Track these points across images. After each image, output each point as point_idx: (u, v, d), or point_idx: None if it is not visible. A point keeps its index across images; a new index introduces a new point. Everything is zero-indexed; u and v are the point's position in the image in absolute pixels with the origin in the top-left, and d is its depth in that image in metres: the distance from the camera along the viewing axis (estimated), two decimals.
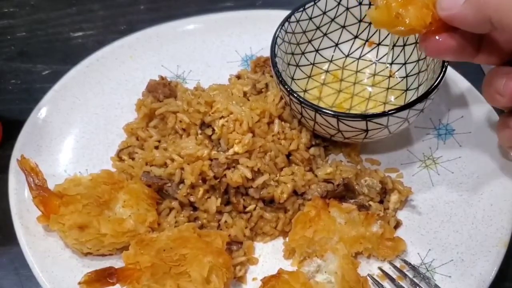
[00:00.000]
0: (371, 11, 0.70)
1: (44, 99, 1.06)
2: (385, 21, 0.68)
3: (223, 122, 0.91)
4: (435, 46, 0.68)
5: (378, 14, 0.68)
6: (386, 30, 0.71)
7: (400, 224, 0.92)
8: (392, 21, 0.67)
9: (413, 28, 0.66)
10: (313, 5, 1.00)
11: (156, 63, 1.15)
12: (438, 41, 0.68)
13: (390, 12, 0.67)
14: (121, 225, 0.85)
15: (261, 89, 1.02)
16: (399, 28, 0.67)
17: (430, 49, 0.69)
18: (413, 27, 0.66)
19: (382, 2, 0.67)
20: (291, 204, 0.92)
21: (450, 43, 0.68)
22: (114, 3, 1.38)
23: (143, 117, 1.03)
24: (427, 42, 0.69)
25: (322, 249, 0.84)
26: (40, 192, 0.87)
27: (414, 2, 0.66)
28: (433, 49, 0.69)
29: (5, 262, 0.93)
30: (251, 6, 1.32)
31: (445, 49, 0.68)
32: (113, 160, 1.00)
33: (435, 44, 0.68)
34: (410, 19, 0.66)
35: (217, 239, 0.83)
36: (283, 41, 0.97)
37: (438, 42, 0.68)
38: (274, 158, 0.92)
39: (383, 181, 0.94)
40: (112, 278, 0.77)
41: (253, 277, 0.88)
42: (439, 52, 0.70)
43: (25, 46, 1.28)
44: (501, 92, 0.69)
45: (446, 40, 0.68)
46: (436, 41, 0.68)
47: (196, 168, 0.89)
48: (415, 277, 0.85)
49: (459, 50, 0.68)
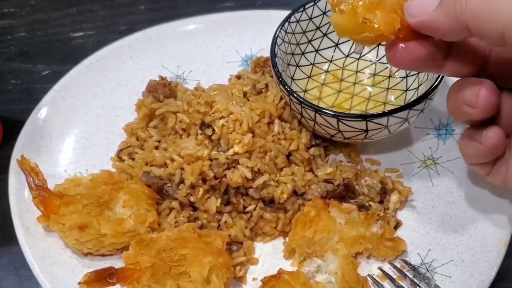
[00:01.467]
0: (335, 18, 0.63)
1: (44, 99, 1.06)
2: (351, 27, 0.61)
3: (223, 122, 0.91)
4: (403, 55, 0.61)
5: (343, 20, 0.62)
6: (350, 38, 0.64)
7: (400, 224, 0.92)
8: (358, 27, 0.60)
9: (381, 34, 0.60)
10: (313, 5, 1.00)
11: (156, 63, 1.15)
12: (407, 49, 0.61)
13: (356, 17, 0.60)
14: (121, 225, 0.85)
15: (261, 89, 1.02)
16: (366, 35, 0.60)
17: (398, 58, 0.62)
18: (381, 33, 0.60)
19: (347, 7, 0.61)
20: (291, 204, 0.92)
21: (419, 51, 0.61)
22: (114, 3, 1.38)
23: (143, 117, 1.03)
24: (395, 50, 0.62)
25: (322, 249, 0.85)
26: (40, 192, 0.87)
27: (382, 6, 0.60)
28: (402, 59, 0.62)
29: (5, 262, 0.94)
30: (251, 6, 1.32)
31: (415, 58, 0.62)
32: (113, 160, 1.00)
33: (404, 52, 0.61)
34: (378, 24, 0.59)
35: (217, 239, 0.83)
36: (283, 41, 0.97)
37: (407, 50, 0.61)
38: (274, 158, 0.92)
39: (383, 181, 0.94)
40: (112, 278, 0.77)
41: (253, 277, 0.88)
42: (408, 62, 0.62)
43: (25, 46, 1.28)
44: (472, 103, 0.63)
45: (415, 48, 0.61)
46: (405, 49, 0.61)
47: (196, 168, 0.89)
48: (415, 277, 0.85)
49: (428, 59, 0.62)
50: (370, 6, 0.60)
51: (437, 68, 0.65)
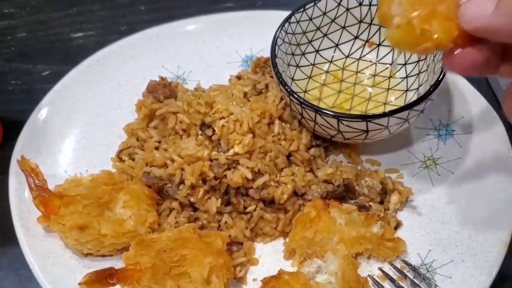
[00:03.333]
0: (392, 33, 0.62)
1: (44, 99, 1.06)
2: (409, 40, 0.61)
3: (223, 123, 0.91)
4: (461, 62, 0.61)
5: (400, 34, 0.61)
6: (407, 51, 0.64)
7: (400, 225, 0.92)
8: (417, 39, 0.60)
9: (440, 43, 0.60)
10: (313, 6, 1.00)
11: (156, 64, 1.15)
12: (464, 56, 0.61)
13: (413, 29, 0.60)
14: (121, 226, 0.85)
15: (261, 89, 1.02)
16: (425, 45, 0.60)
17: (455, 65, 0.62)
18: (440, 42, 0.59)
19: (402, 21, 0.60)
20: (291, 204, 0.92)
21: (478, 57, 0.60)
22: (115, 3, 1.38)
23: (143, 118, 1.03)
24: (452, 57, 0.61)
25: (323, 250, 0.84)
26: (41, 192, 0.87)
27: (436, 15, 0.60)
28: (459, 65, 0.62)
29: (5, 263, 0.94)
30: (251, 6, 1.32)
31: (472, 64, 0.61)
32: (113, 160, 1.00)
33: (461, 59, 0.61)
34: (437, 33, 0.59)
35: (217, 239, 0.83)
36: (283, 41, 0.97)
37: (464, 56, 0.61)
38: (275, 159, 0.92)
39: (383, 181, 0.94)
40: (113, 279, 0.77)
41: (253, 278, 0.88)
42: (466, 68, 0.62)
43: (26, 47, 1.28)
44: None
45: (472, 54, 0.60)
46: (461, 55, 0.61)
47: (196, 169, 0.89)
48: (415, 277, 0.85)
49: (485, 64, 0.62)
50: (426, 16, 0.60)
51: (494, 71, 0.64)
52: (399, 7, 0.61)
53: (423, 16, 0.60)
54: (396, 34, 0.62)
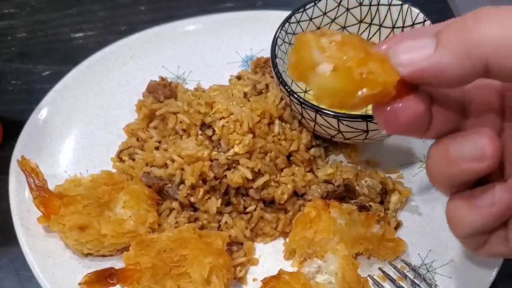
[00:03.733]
0: (321, 83, 0.47)
1: (44, 99, 1.06)
2: (347, 88, 0.46)
3: (223, 123, 0.91)
4: (403, 114, 0.47)
5: (337, 80, 0.46)
6: (339, 106, 0.48)
7: (400, 225, 0.92)
8: (357, 85, 0.46)
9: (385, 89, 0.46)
10: (314, 6, 1.00)
11: (156, 64, 1.15)
12: (408, 107, 0.47)
13: (352, 74, 0.46)
14: (121, 226, 0.85)
15: (261, 89, 1.02)
16: (368, 93, 0.46)
17: (398, 119, 0.48)
18: (386, 86, 0.46)
19: (337, 65, 0.46)
20: (291, 204, 0.92)
21: (419, 107, 0.47)
22: (115, 3, 1.38)
23: (143, 118, 1.03)
24: (393, 110, 0.47)
25: (323, 250, 0.84)
26: (41, 192, 0.87)
27: (372, 58, 0.47)
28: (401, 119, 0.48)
29: (5, 263, 0.93)
30: (251, 6, 1.32)
31: (415, 117, 0.48)
32: (114, 161, 1.00)
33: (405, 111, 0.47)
34: (381, 76, 0.45)
35: (217, 239, 0.83)
36: (284, 41, 0.97)
37: (407, 107, 0.47)
38: (275, 159, 0.92)
39: (384, 181, 0.94)
40: (113, 279, 0.77)
41: (254, 278, 0.88)
42: (409, 122, 0.48)
43: (26, 47, 1.28)
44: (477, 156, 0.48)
45: (414, 104, 0.47)
46: (405, 106, 0.47)
47: (196, 169, 0.89)
48: (415, 277, 0.85)
49: (424, 117, 0.49)
50: (363, 59, 0.46)
51: (426, 130, 0.50)
52: (323, 54, 0.47)
53: (359, 58, 0.46)
54: (331, 82, 0.47)
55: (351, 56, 0.47)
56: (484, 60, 0.43)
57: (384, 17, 1.01)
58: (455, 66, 0.44)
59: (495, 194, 0.51)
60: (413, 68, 0.46)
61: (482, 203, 0.51)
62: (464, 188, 0.53)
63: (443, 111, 0.50)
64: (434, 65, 0.45)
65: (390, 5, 0.99)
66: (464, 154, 0.49)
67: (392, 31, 1.02)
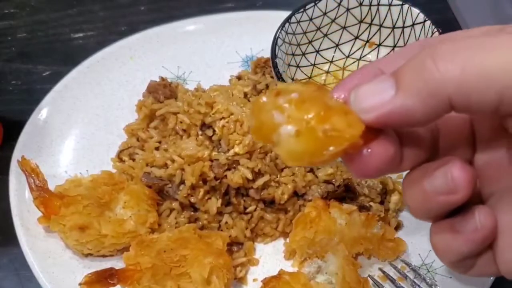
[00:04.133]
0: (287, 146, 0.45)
1: (44, 100, 1.06)
2: (314, 147, 0.45)
3: (223, 123, 0.91)
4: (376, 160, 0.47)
5: (303, 142, 0.44)
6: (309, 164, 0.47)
7: (401, 225, 0.92)
8: (323, 143, 0.44)
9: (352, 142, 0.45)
10: (314, 6, 1.00)
11: (156, 64, 1.15)
12: (379, 152, 0.47)
13: (317, 133, 0.44)
14: (121, 226, 0.85)
15: (261, 90, 1.02)
16: (335, 150, 0.44)
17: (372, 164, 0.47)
18: (352, 140, 0.44)
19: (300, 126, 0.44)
20: (291, 205, 0.92)
21: (390, 149, 0.47)
22: (115, 4, 1.38)
23: (143, 118, 1.03)
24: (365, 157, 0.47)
25: (323, 250, 0.84)
26: (41, 193, 0.87)
27: (334, 111, 0.45)
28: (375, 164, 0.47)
29: (5, 263, 0.93)
30: (251, 7, 1.31)
31: (389, 159, 0.47)
32: (114, 161, 1.00)
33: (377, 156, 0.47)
34: (346, 130, 0.44)
35: (217, 240, 0.83)
36: (284, 42, 0.97)
37: (379, 152, 0.47)
38: (275, 159, 0.92)
39: (384, 181, 0.94)
40: (113, 279, 0.77)
41: (254, 278, 0.88)
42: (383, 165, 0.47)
43: (26, 47, 1.28)
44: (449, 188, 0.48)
45: (385, 148, 0.47)
46: (376, 152, 0.47)
47: (196, 169, 0.89)
48: (416, 278, 0.85)
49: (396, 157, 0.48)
50: (324, 116, 0.45)
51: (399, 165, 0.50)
52: (283, 114, 0.45)
53: (321, 116, 0.44)
54: (296, 146, 0.45)
55: (313, 115, 0.45)
56: (448, 98, 0.42)
57: (384, 17, 1.01)
58: (419, 108, 0.43)
59: (476, 219, 0.50)
60: (377, 113, 0.45)
61: (465, 230, 0.51)
62: (446, 215, 0.53)
63: (413, 147, 0.50)
64: (398, 109, 0.44)
65: (390, 5, 0.99)
66: (437, 188, 0.48)
67: (392, 31, 1.02)
